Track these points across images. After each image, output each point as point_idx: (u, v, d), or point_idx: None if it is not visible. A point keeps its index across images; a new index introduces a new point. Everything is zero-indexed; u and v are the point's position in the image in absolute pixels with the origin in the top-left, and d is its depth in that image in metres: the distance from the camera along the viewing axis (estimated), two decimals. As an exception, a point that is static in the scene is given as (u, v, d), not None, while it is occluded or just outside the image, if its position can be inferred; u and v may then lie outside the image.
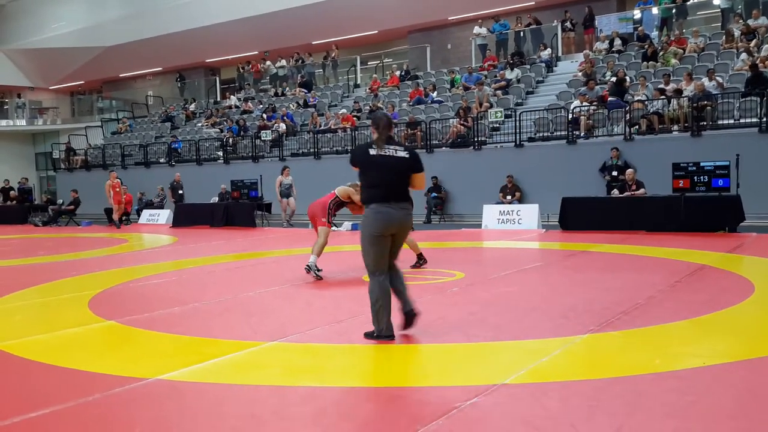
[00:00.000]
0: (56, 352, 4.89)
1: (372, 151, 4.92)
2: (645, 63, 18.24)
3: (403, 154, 4.95)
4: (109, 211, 20.36)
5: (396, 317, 4.92)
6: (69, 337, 5.42)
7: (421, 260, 8.70)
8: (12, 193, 25.20)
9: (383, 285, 4.89)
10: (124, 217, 19.90)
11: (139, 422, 3.43)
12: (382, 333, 4.88)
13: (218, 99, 30.17)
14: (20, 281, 8.50)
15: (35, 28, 33.08)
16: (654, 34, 19.81)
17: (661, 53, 18.30)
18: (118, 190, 19.39)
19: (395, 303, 4.96)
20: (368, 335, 4.96)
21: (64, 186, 26.87)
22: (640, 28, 19.99)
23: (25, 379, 4.31)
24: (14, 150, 34.77)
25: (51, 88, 36.76)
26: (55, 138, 32.66)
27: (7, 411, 3.58)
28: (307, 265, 8.02)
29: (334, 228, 15.89)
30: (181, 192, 20.64)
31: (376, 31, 26.94)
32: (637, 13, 20.78)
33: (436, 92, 21.55)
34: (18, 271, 9.92)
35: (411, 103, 21.21)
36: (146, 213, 21.44)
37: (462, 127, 18.17)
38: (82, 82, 36.05)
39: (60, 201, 24.11)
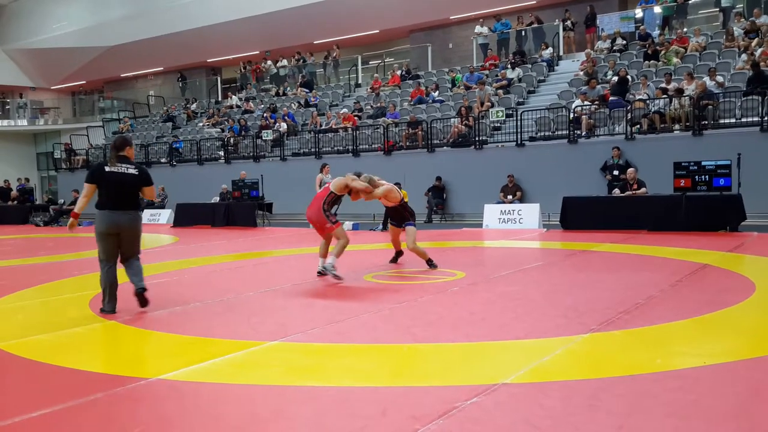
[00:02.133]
0: (57, 352, 4.89)
1: (107, 168, 6.09)
2: (646, 62, 18.23)
3: (133, 171, 6.17)
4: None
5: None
6: (70, 336, 5.42)
7: (431, 265, 8.57)
8: (13, 193, 25.25)
9: (109, 272, 6.16)
10: None
11: (140, 422, 3.43)
12: (105, 310, 6.13)
13: (219, 99, 30.19)
14: (21, 281, 8.50)
15: (37, 28, 33.12)
16: (656, 33, 19.79)
17: (662, 52, 18.28)
18: None
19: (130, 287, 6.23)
20: (102, 310, 6.17)
21: (65, 186, 26.90)
22: (641, 27, 19.98)
23: (26, 379, 4.31)
24: (15, 150, 34.82)
25: (52, 88, 36.80)
26: (57, 138, 32.70)
27: (9, 411, 3.58)
28: (323, 267, 7.79)
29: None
30: (246, 191, 19.06)
31: (378, 31, 26.94)
32: (638, 12, 20.75)
33: (437, 92, 21.54)
34: (19, 271, 9.92)
35: (412, 103, 21.20)
36: (147, 213, 21.45)
37: (463, 127, 18.16)
38: (84, 82, 36.09)
39: (61, 201, 24.15)
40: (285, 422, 3.40)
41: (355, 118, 21.15)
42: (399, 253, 9.26)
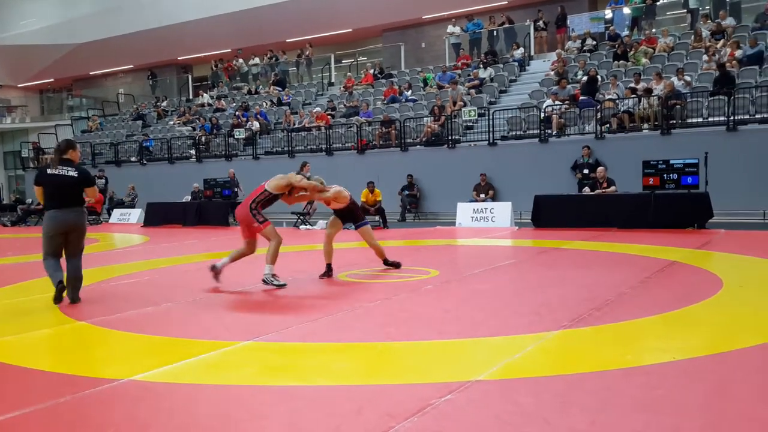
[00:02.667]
0: (26, 354, 4.82)
1: (48, 171, 6.63)
2: (616, 62, 18.48)
3: (73, 173, 6.59)
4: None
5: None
6: (39, 338, 5.34)
7: (390, 265, 8.40)
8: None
9: (53, 264, 6.50)
10: (92, 218, 19.63)
11: (112, 424, 3.40)
12: (54, 298, 6.41)
13: (191, 97, 29.89)
14: (-12, 282, 8.34)
15: (3, 24, 32.54)
16: (625, 33, 20.06)
17: (631, 53, 18.53)
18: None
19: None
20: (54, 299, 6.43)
21: (32, 185, 26.40)
22: (611, 28, 20.23)
23: (-6, 381, 4.23)
24: (-19, 149, 34.16)
25: (20, 85, 36.12)
26: (24, 137, 32.13)
27: (-24, 414, 3.52)
28: (263, 279, 7.29)
29: (308, 227, 15.92)
30: (236, 189, 18.46)
31: (351, 30, 26.93)
32: (608, 13, 21.02)
33: (410, 91, 21.58)
34: (-14, 271, 9.74)
35: (385, 102, 21.23)
36: (117, 212, 21.18)
37: (436, 126, 18.23)
38: (52, 79, 35.48)
39: (29, 200, 23.71)
40: (260, 422, 3.39)
41: (329, 116, 21.11)
42: (330, 267, 8.07)
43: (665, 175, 12.42)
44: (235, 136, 22.15)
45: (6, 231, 19.14)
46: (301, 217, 16.37)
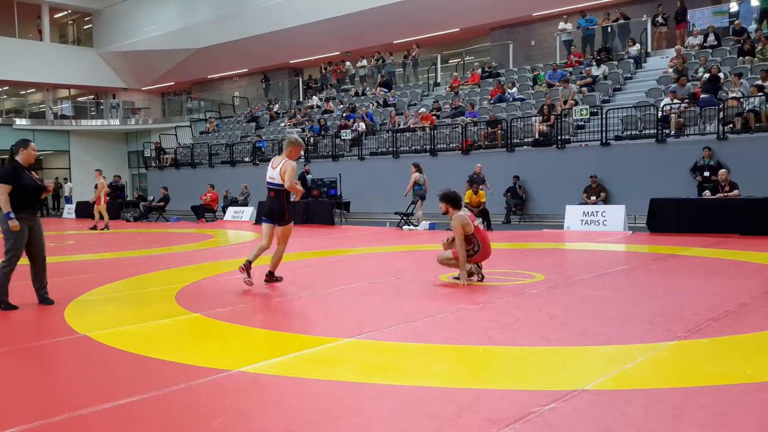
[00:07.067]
0: (144, 343, 5.09)
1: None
2: (741, 58, 17.38)
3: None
4: (196, 209, 21.19)
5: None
6: (156, 328, 5.63)
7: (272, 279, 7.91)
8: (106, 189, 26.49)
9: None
10: (208, 215, 20.61)
11: (222, 412, 3.53)
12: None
13: (301, 99, 30.73)
14: (112, 274, 8.91)
15: (129, 31, 34.63)
16: (752, 27, 18.83)
17: (759, 48, 17.38)
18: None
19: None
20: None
21: (154, 183, 28.02)
22: (736, 22, 19.06)
23: (114, 367, 4.50)
24: (108, 148, 36.51)
25: (143, 89, 38.39)
26: (147, 137, 34.10)
27: (97, 398, 3.76)
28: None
29: (411, 227, 15.96)
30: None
31: (458, 29, 26.78)
32: (733, 6, 19.81)
33: (514, 88, 21.24)
34: (110, 264, 10.40)
35: (492, 102, 20.97)
36: (231, 210, 22.10)
37: (545, 126, 17.82)
38: (173, 83, 37.48)
39: (151, 198, 25.17)
40: (361, 419, 3.42)
41: (434, 117, 21.10)
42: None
43: (795, 179, 11.57)
44: (342, 137, 22.57)
45: (129, 226, 20.41)
46: (404, 218, 16.44)
